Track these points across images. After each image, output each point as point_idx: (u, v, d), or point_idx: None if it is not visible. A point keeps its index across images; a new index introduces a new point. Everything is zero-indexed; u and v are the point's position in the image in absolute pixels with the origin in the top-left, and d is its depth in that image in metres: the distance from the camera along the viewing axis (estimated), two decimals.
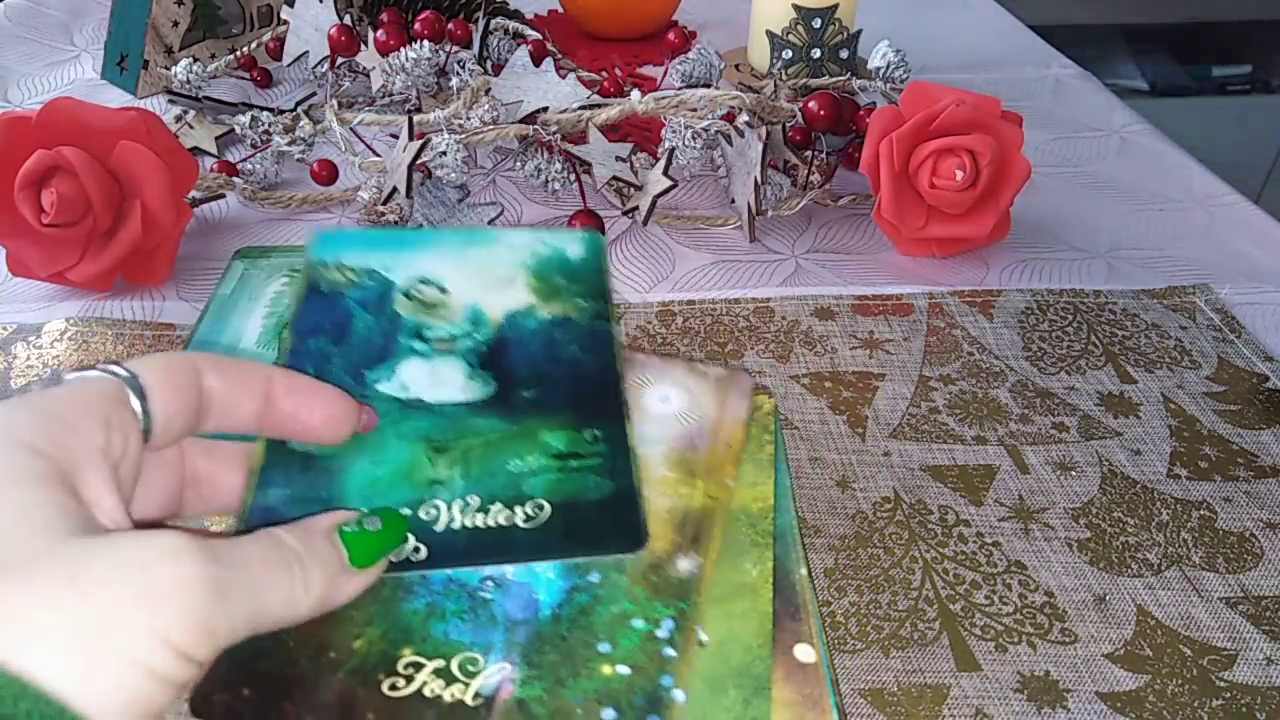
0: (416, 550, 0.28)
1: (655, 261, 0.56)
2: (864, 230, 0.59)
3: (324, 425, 0.29)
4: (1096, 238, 0.58)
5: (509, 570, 0.30)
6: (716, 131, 0.57)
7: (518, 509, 0.29)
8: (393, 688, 0.27)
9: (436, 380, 0.32)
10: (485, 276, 0.36)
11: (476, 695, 0.28)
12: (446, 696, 0.27)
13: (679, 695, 0.28)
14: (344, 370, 0.32)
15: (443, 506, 0.29)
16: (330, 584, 0.25)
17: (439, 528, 0.29)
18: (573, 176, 0.59)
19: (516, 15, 0.75)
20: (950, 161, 0.51)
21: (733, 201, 0.60)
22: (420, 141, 0.52)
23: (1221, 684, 0.32)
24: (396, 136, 0.56)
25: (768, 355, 0.47)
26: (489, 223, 0.49)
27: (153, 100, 0.73)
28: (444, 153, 0.52)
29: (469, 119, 0.56)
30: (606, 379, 0.33)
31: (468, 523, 0.29)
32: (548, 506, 0.29)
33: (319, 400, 0.28)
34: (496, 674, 0.28)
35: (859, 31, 0.70)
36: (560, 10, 0.90)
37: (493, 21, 0.71)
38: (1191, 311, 0.51)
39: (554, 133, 0.57)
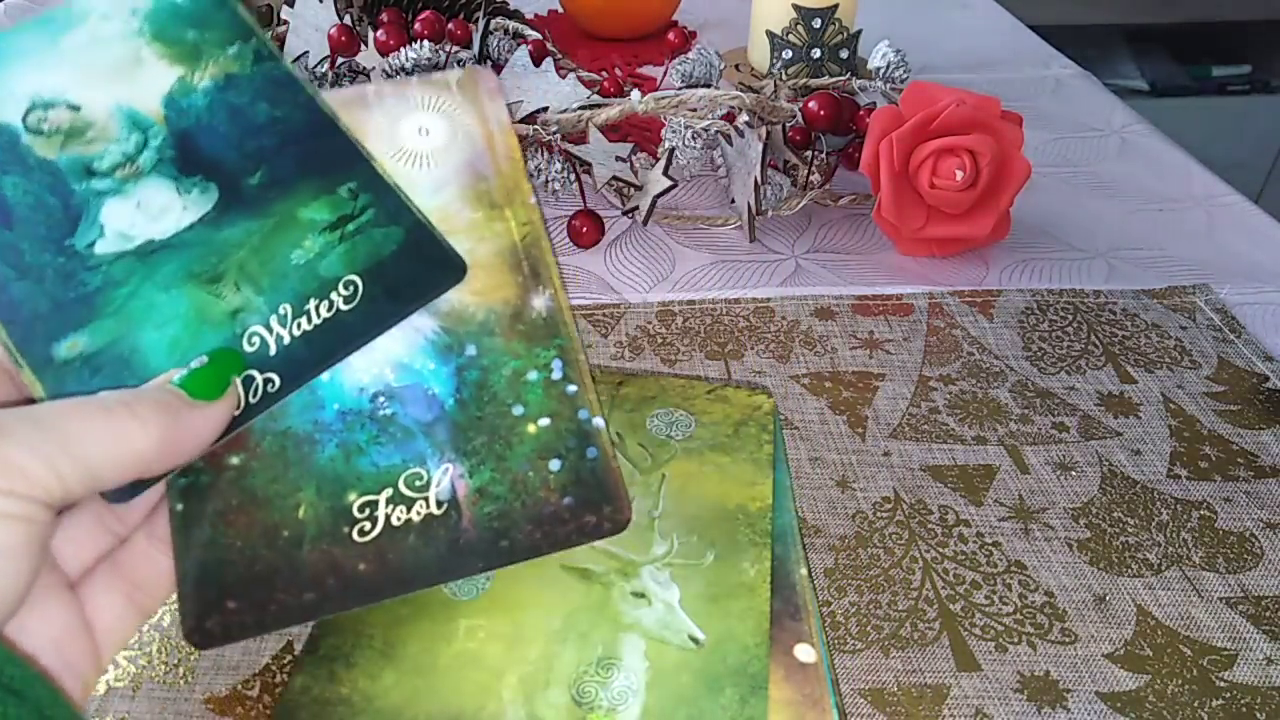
0: (270, 382, 0.27)
1: (655, 261, 0.56)
2: (864, 230, 0.59)
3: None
4: (1096, 238, 0.58)
5: (390, 379, 0.29)
6: (716, 131, 0.57)
7: (333, 295, 0.28)
8: (361, 532, 0.27)
9: (150, 212, 0.28)
10: (103, 67, 0.29)
11: (439, 503, 0.27)
12: (414, 516, 0.27)
13: (598, 421, 0.28)
14: (43, 252, 0.27)
15: (261, 331, 0.27)
16: (169, 416, 0.24)
17: (273, 351, 0.27)
18: (573, 176, 0.59)
19: (516, 15, 0.75)
20: (950, 161, 0.51)
21: (733, 201, 0.60)
22: None
23: (1221, 684, 0.32)
24: None
25: (768, 355, 0.47)
26: None
27: None
28: None
29: None
30: (320, 125, 0.29)
31: (295, 332, 0.27)
32: (357, 279, 0.28)
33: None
34: (443, 476, 0.28)
35: (859, 31, 0.70)
36: (560, 10, 0.90)
37: (493, 21, 0.71)
38: (1191, 311, 0.51)
39: (554, 133, 0.57)
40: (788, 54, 0.69)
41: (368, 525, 0.27)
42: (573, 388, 0.29)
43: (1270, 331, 0.50)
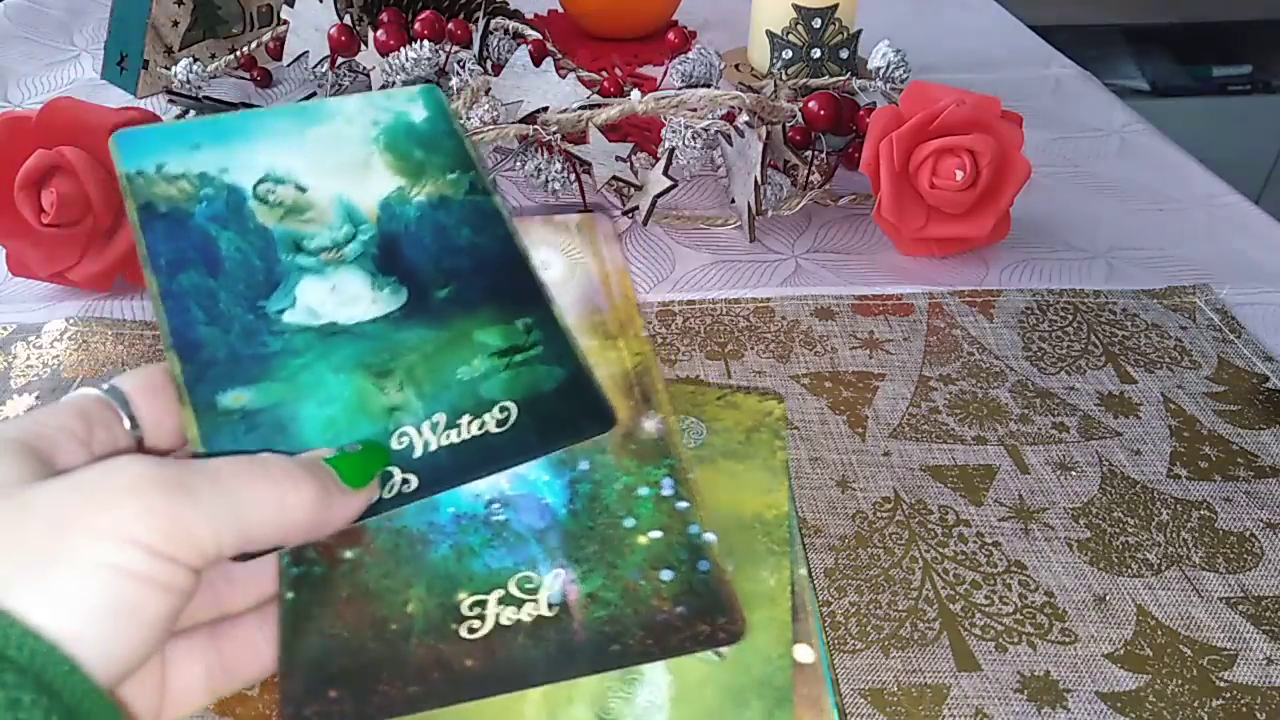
0: (406, 482, 0.27)
1: (655, 261, 0.56)
2: (864, 230, 0.59)
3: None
4: (1096, 238, 0.58)
5: (505, 487, 0.29)
6: (716, 131, 0.57)
7: (486, 416, 0.29)
8: (470, 630, 0.27)
9: (342, 298, 0.30)
10: (337, 161, 0.31)
11: (550, 605, 0.28)
12: (525, 617, 0.27)
13: (709, 537, 0.29)
14: (238, 305, 0.29)
15: (412, 432, 0.28)
16: (324, 493, 0.24)
17: (417, 454, 0.28)
18: (573, 176, 0.59)
19: (516, 15, 0.75)
20: (950, 161, 0.51)
21: (733, 201, 0.60)
22: None
23: (1221, 684, 0.32)
24: None
25: (768, 355, 0.47)
26: None
27: (153, 100, 0.73)
28: None
29: (469, 119, 0.56)
30: (513, 260, 0.31)
31: (443, 441, 0.28)
32: (513, 407, 0.29)
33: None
34: (554, 581, 0.28)
35: (859, 31, 0.70)
36: (560, 10, 0.90)
37: (493, 21, 0.71)
38: (1191, 311, 0.51)
39: (554, 133, 0.57)
40: (788, 54, 0.69)
41: (477, 623, 0.27)
42: (683, 504, 0.29)
43: (1270, 331, 0.50)
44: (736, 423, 0.40)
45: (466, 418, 0.29)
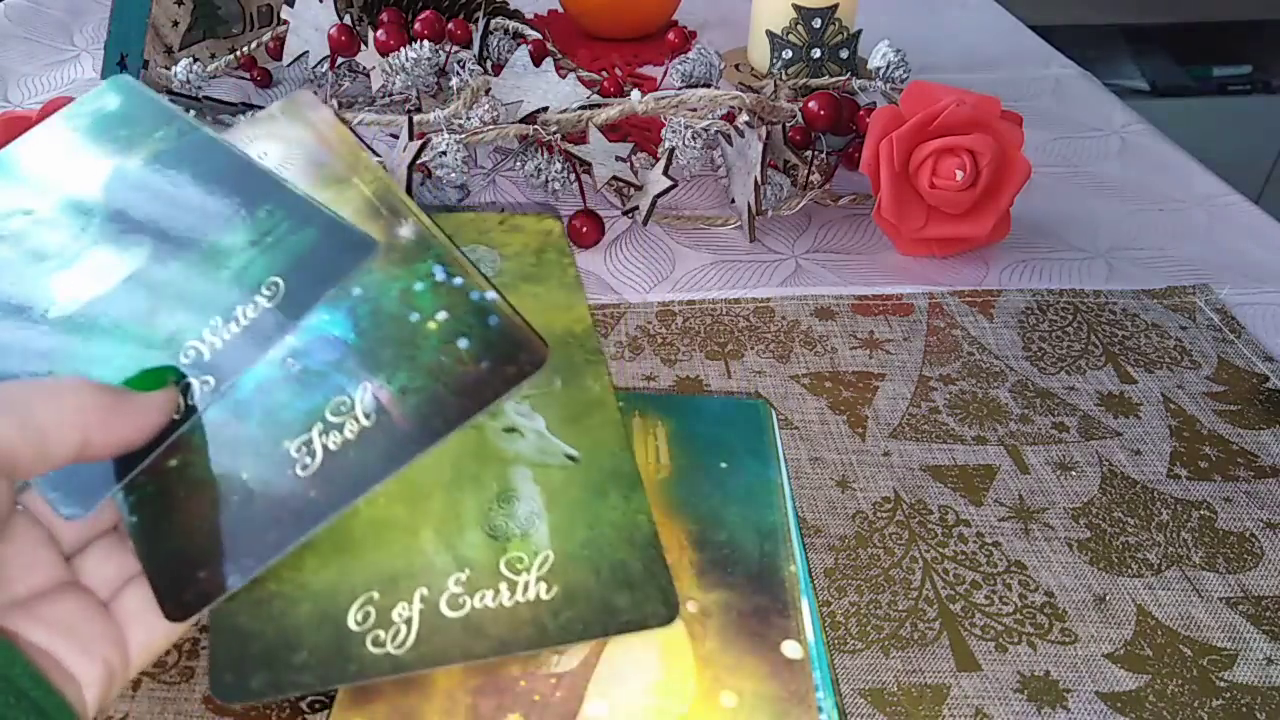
0: (206, 383, 0.30)
1: (655, 261, 0.56)
2: (864, 230, 0.59)
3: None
4: (1096, 238, 0.58)
5: (293, 341, 0.31)
6: (716, 131, 0.57)
7: (257, 298, 0.31)
8: (304, 468, 0.29)
9: (95, 274, 0.32)
10: (50, 172, 0.34)
11: (366, 415, 0.30)
12: (349, 435, 0.29)
13: (490, 295, 0.31)
14: (8, 325, 0.31)
15: (196, 343, 0.30)
16: (114, 397, 0.26)
17: (207, 357, 0.30)
18: (573, 176, 0.59)
19: (516, 15, 0.75)
20: (950, 161, 0.51)
21: (733, 201, 0.60)
22: (420, 141, 0.52)
23: (1221, 684, 0.32)
24: (396, 136, 0.56)
25: (768, 355, 0.47)
26: None
27: None
28: (444, 153, 0.52)
29: (469, 119, 0.56)
30: (235, 165, 0.33)
31: (226, 337, 0.30)
32: (279, 279, 0.31)
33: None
34: (364, 394, 0.30)
35: (859, 31, 0.70)
36: (560, 10, 0.90)
37: (493, 21, 0.71)
38: (1191, 311, 0.51)
39: (554, 133, 0.57)
40: (788, 54, 0.69)
41: (309, 460, 0.29)
42: (458, 279, 0.32)
43: (1270, 331, 0.50)
44: (524, 245, 0.42)
45: (240, 308, 0.31)
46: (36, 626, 0.25)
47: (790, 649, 0.32)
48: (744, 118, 0.58)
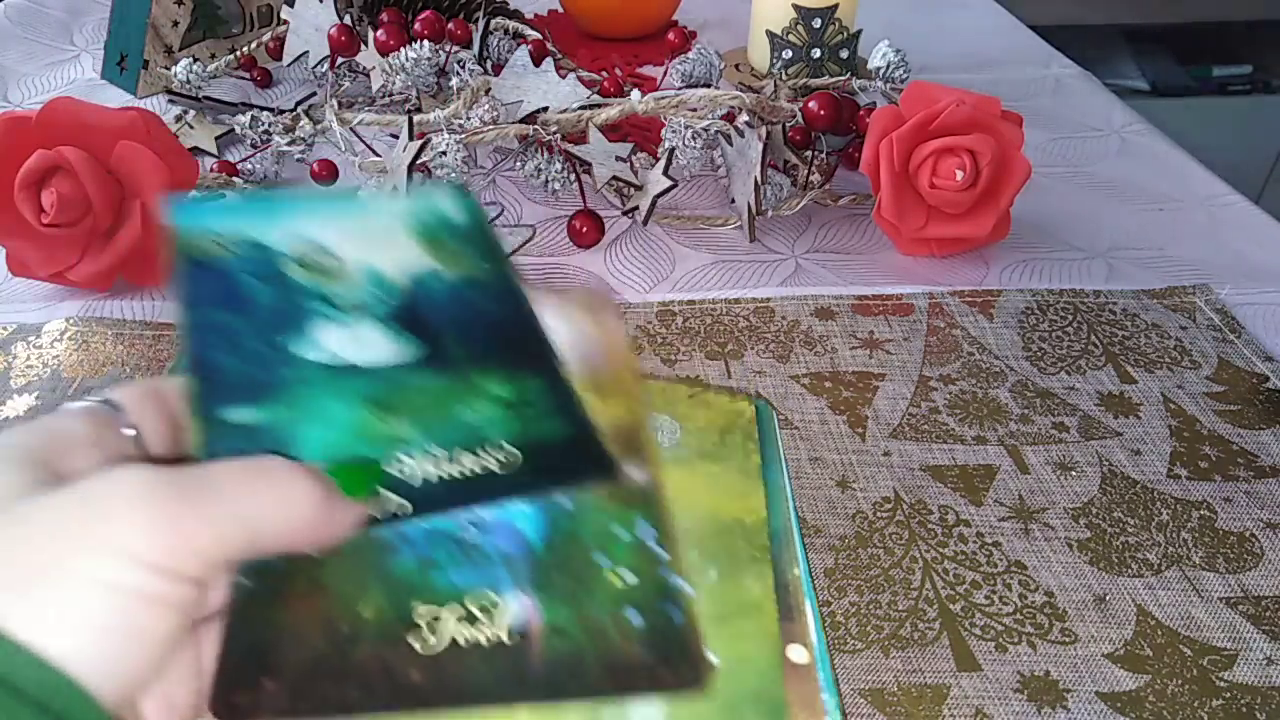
0: (401, 507, 0.28)
1: (655, 261, 0.56)
2: (864, 230, 0.59)
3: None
4: (1096, 238, 0.58)
5: (481, 511, 0.30)
6: (716, 131, 0.57)
7: (486, 455, 0.29)
8: (423, 643, 0.27)
9: (360, 344, 0.31)
10: (371, 240, 0.33)
11: (510, 632, 0.27)
12: (482, 639, 0.27)
13: (685, 587, 0.28)
14: (257, 341, 0.30)
15: (411, 461, 0.29)
16: (326, 496, 0.23)
17: (415, 482, 0.28)
18: (573, 176, 0.59)
19: (516, 15, 0.75)
20: (950, 161, 0.51)
21: (733, 201, 0.60)
22: (420, 141, 0.52)
23: (1221, 684, 0.32)
24: (396, 136, 0.56)
25: (768, 355, 0.47)
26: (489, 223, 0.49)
27: (153, 100, 0.73)
28: (444, 153, 0.52)
29: (469, 119, 0.56)
30: (527, 326, 0.32)
31: (441, 473, 0.29)
32: (514, 450, 0.29)
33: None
34: (518, 607, 0.28)
35: (859, 31, 0.70)
36: (560, 10, 0.90)
37: (493, 21, 0.71)
38: (1191, 311, 0.51)
39: (554, 133, 0.57)
40: (788, 54, 0.69)
41: (431, 638, 0.27)
42: (661, 552, 0.29)
43: (1270, 331, 0.50)
44: (709, 422, 0.40)
45: (466, 454, 0.29)
46: None
47: (796, 653, 0.32)
48: (744, 118, 0.58)
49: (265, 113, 0.62)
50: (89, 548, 0.18)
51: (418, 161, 0.52)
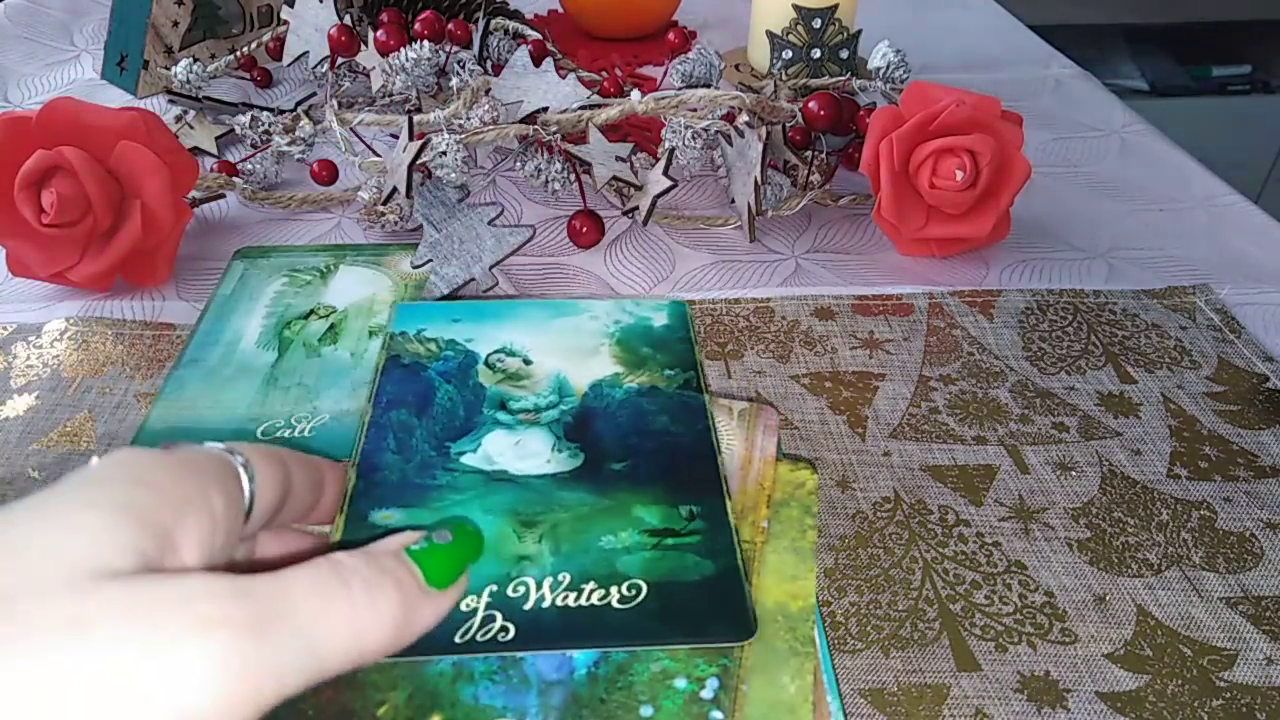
0: (505, 630, 0.27)
1: (655, 261, 0.56)
2: (864, 230, 0.59)
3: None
4: (1096, 238, 0.58)
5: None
6: (716, 131, 0.57)
7: (612, 589, 0.28)
8: None
9: (522, 452, 0.32)
10: (569, 346, 0.36)
11: None
12: None
13: None
14: (426, 442, 0.32)
15: (531, 583, 0.28)
16: (406, 606, 0.22)
17: (528, 606, 0.27)
18: (573, 176, 0.59)
19: (516, 15, 0.75)
20: (950, 161, 0.51)
21: (733, 201, 0.60)
22: (420, 141, 0.52)
23: (1221, 684, 0.32)
24: (396, 136, 0.56)
25: (768, 355, 0.47)
26: (489, 223, 0.49)
27: (153, 100, 0.73)
28: (444, 153, 0.52)
29: (469, 119, 0.56)
30: (701, 451, 0.32)
31: (559, 601, 0.27)
32: (644, 586, 0.28)
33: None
34: None
35: (859, 31, 0.70)
36: (560, 10, 0.90)
37: (493, 21, 0.71)
38: (1191, 311, 0.51)
39: (554, 133, 0.57)
40: (788, 54, 0.69)
41: None
42: (718, 714, 0.27)
43: (1270, 331, 0.50)
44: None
45: (592, 584, 0.28)
46: None
47: None
48: (744, 118, 0.58)
49: (265, 113, 0.63)
50: (148, 681, 0.17)
51: (418, 161, 0.52)
